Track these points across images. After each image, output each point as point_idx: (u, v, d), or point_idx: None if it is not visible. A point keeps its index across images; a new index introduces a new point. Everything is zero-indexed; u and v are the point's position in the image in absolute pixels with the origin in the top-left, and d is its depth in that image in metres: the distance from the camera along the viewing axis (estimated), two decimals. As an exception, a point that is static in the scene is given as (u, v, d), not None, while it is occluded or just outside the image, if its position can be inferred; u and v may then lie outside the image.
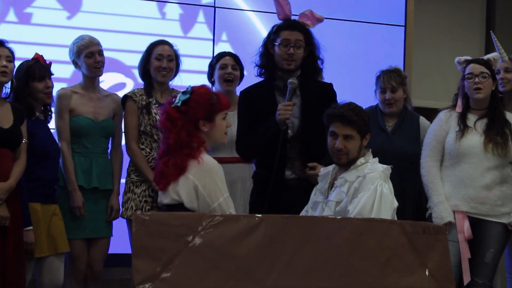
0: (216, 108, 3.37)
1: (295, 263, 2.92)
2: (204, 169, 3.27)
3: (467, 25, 8.10)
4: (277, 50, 4.01)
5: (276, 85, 4.05)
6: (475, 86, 4.17)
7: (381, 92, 4.49)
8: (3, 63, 3.82)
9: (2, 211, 3.70)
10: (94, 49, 4.40)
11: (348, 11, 6.37)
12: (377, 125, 4.44)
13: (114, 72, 5.57)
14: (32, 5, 5.44)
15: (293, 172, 3.99)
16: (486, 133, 4.15)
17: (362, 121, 3.60)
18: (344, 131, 3.59)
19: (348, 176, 3.59)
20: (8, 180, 3.76)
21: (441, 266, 3.17)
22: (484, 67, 4.19)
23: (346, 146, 3.58)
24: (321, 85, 4.21)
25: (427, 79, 7.73)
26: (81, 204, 4.30)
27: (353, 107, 3.64)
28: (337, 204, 3.57)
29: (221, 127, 3.41)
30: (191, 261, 2.81)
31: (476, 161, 4.14)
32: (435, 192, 4.19)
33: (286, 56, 3.97)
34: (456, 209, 4.15)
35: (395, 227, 3.11)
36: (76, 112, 4.37)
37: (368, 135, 3.66)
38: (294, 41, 3.98)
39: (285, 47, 3.97)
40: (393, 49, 6.49)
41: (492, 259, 4.14)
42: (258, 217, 2.96)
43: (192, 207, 3.26)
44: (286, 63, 3.99)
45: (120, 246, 4.78)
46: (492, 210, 4.14)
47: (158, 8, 5.82)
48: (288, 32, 4.00)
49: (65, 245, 4.18)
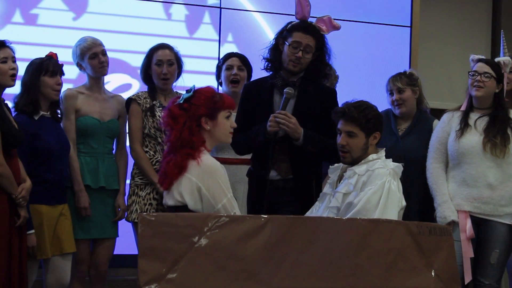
0: (218, 106, 3.35)
1: (300, 264, 2.92)
2: (206, 171, 3.26)
3: (473, 25, 8.10)
4: (286, 49, 3.99)
5: (276, 83, 4.03)
6: (476, 84, 4.17)
7: (390, 94, 4.54)
8: (12, 65, 3.81)
9: (26, 213, 3.73)
10: (97, 49, 4.40)
11: (354, 12, 6.37)
12: (389, 129, 4.46)
13: (120, 73, 5.57)
14: (38, 6, 5.46)
15: (279, 174, 3.98)
16: (485, 133, 4.14)
17: (365, 119, 3.61)
18: (346, 127, 3.63)
19: (357, 168, 3.60)
20: (26, 181, 3.78)
21: (447, 267, 3.17)
22: (490, 68, 4.18)
23: (348, 143, 3.61)
24: (323, 89, 4.15)
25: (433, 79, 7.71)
26: (87, 204, 4.29)
27: (358, 104, 3.66)
28: (345, 195, 3.57)
29: (225, 126, 3.39)
30: (197, 262, 2.82)
31: (477, 161, 4.13)
32: (439, 192, 4.19)
33: (294, 58, 3.95)
34: (459, 208, 4.14)
35: (401, 228, 3.11)
36: (82, 112, 4.37)
37: (377, 133, 3.66)
38: (304, 45, 3.95)
39: (295, 49, 3.95)
40: (399, 50, 6.49)
41: (498, 260, 4.12)
42: (264, 218, 2.96)
43: (196, 209, 3.24)
44: (292, 64, 3.97)
45: (125, 247, 4.79)
46: (495, 210, 4.12)
47: (164, 9, 5.83)
48: (301, 34, 3.96)
49: (71, 245, 4.18)
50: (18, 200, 3.69)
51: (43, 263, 4.12)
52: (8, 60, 3.80)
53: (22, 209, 3.72)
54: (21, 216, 3.71)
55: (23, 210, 3.72)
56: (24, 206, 3.73)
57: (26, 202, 3.74)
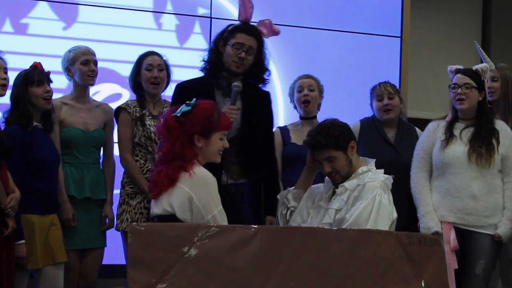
0: (213, 127, 3.35)
1: (291, 274, 2.92)
2: (199, 182, 3.26)
3: (463, 36, 8.14)
4: (229, 50, 3.96)
5: (219, 84, 3.99)
6: (458, 97, 4.18)
7: (378, 100, 4.54)
8: (3, 75, 3.81)
9: (14, 223, 3.72)
10: (90, 58, 4.41)
11: (344, 22, 6.38)
12: (379, 137, 4.48)
13: (110, 82, 5.56)
14: (28, 16, 5.44)
15: (231, 177, 3.97)
16: (470, 143, 4.14)
17: (333, 139, 3.61)
18: (322, 156, 3.64)
19: (348, 184, 3.61)
20: (15, 191, 3.77)
21: (437, 277, 3.17)
22: (469, 78, 4.19)
23: (333, 167, 3.63)
24: (260, 91, 4.16)
25: (423, 90, 7.76)
26: (71, 216, 4.28)
27: (320, 129, 3.66)
28: (337, 212, 3.58)
29: (216, 145, 3.39)
30: (187, 272, 2.81)
31: (462, 171, 4.12)
32: (422, 202, 4.19)
33: (237, 59, 3.94)
34: (443, 219, 4.14)
35: (391, 238, 3.12)
36: (66, 123, 4.35)
37: (352, 143, 3.67)
38: (247, 47, 3.95)
39: (238, 50, 3.94)
40: (389, 60, 6.49)
41: (483, 271, 4.10)
42: (254, 228, 2.96)
43: (184, 218, 3.24)
44: (235, 65, 3.95)
45: (113, 257, 4.76)
46: (479, 221, 4.11)
47: (155, 19, 5.83)
48: (244, 35, 3.96)
49: (63, 255, 4.16)
50: (6, 210, 3.68)
51: (35, 273, 4.10)
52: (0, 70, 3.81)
53: (10, 219, 3.70)
54: (9, 226, 3.69)
55: (11, 220, 3.70)
56: (12, 216, 3.72)
57: (14, 212, 3.72)
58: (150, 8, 5.82)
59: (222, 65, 4.00)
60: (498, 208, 4.13)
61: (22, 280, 3.98)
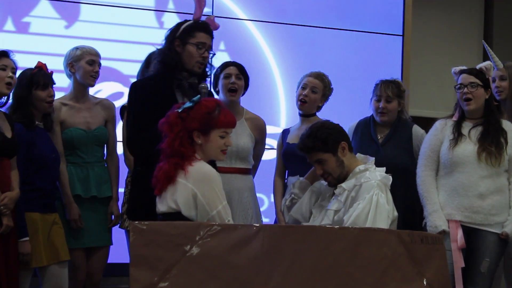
0: (211, 124, 3.34)
1: (292, 273, 2.92)
2: (203, 177, 3.27)
3: (465, 34, 8.13)
4: (191, 50, 3.85)
5: (181, 84, 3.86)
6: (465, 97, 4.18)
7: (376, 100, 4.53)
8: (9, 74, 3.81)
9: (9, 221, 3.70)
10: (96, 59, 4.42)
11: (345, 21, 6.38)
12: (369, 136, 4.49)
13: (112, 81, 5.57)
14: (30, 14, 5.44)
15: None
16: (480, 142, 4.14)
17: (321, 141, 3.64)
18: (312, 159, 3.70)
19: (346, 184, 3.62)
20: (14, 189, 3.76)
21: (439, 275, 3.17)
22: (474, 77, 4.18)
23: (323, 169, 3.67)
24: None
25: (425, 88, 7.76)
26: (78, 216, 4.28)
27: (309, 133, 3.69)
28: (335, 213, 3.60)
29: (217, 143, 3.37)
30: (189, 271, 2.81)
31: (470, 170, 4.12)
32: (429, 201, 4.18)
33: (200, 59, 3.85)
34: (449, 218, 4.13)
35: (392, 237, 3.11)
36: (67, 124, 4.35)
37: (342, 144, 3.68)
38: (208, 46, 3.88)
39: (200, 49, 3.85)
40: (390, 59, 6.50)
41: (488, 269, 4.11)
42: (256, 227, 2.96)
43: (189, 215, 3.24)
44: (198, 66, 3.86)
45: (118, 255, 4.77)
46: (486, 220, 4.11)
47: (156, 17, 5.83)
48: (205, 35, 3.88)
49: (66, 253, 4.16)
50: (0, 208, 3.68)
51: (39, 271, 4.10)
52: (7, 69, 3.82)
53: (4, 217, 3.69)
54: (3, 225, 3.69)
55: (5, 218, 3.69)
56: (7, 214, 3.69)
57: (8, 210, 3.70)
58: (152, 7, 5.83)
59: (182, 65, 3.87)
60: (504, 207, 4.14)
61: (25, 278, 3.97)
